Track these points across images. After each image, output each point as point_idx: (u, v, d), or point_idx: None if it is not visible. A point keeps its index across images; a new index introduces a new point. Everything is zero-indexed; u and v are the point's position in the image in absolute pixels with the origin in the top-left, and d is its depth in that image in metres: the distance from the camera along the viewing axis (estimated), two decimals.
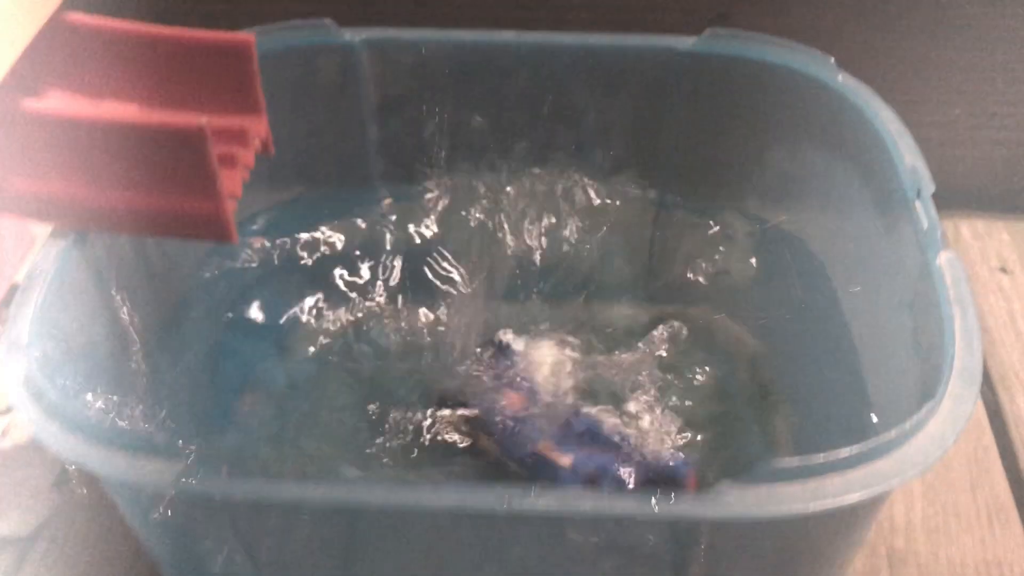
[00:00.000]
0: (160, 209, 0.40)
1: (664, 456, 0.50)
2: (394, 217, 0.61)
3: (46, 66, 0.41)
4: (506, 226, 0.60)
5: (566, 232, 0.60)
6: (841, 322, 0.50)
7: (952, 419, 0.35)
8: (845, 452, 0.33)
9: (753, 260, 0.58)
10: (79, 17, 0.42)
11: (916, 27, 0.65)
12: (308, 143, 0.55)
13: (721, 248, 0.60)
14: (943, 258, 0.41)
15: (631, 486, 0.49)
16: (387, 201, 0.61)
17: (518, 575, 0.39)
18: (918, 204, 0.43)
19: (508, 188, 0.59)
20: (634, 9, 0.59)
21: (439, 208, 0.60)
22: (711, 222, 0.60)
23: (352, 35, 0.53)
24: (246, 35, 0.42)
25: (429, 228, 0.61)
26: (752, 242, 0.58)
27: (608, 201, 0.60)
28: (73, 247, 0.42)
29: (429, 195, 0.59)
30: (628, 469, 0.49)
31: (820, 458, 0.33)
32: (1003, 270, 0.75)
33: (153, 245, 0.49)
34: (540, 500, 0.33)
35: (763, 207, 0.57)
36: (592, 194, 0.60)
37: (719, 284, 0.61)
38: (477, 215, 0.59)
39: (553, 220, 0.60)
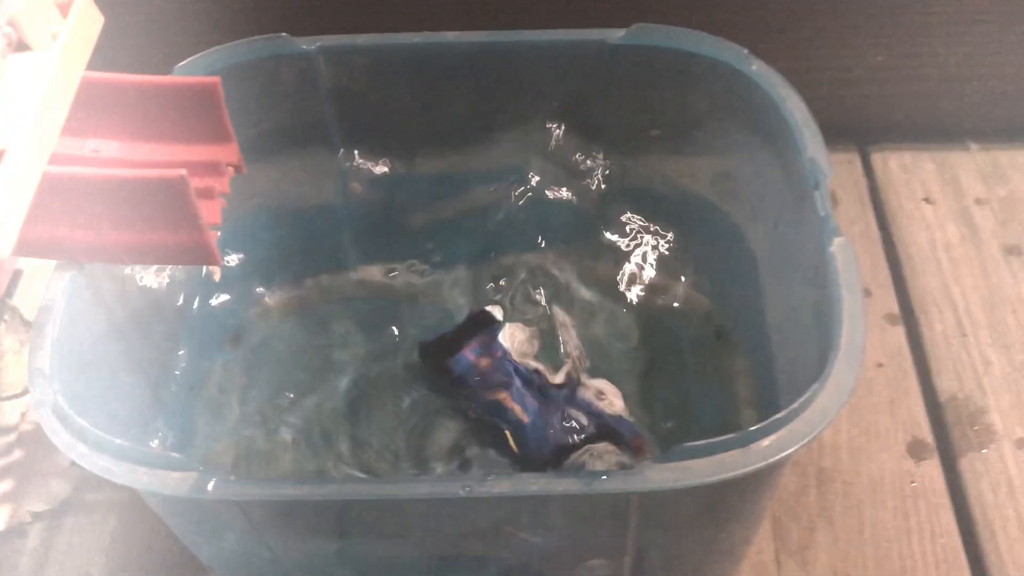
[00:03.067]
0: (152, 244, 0.45)
1: (613, 415, 0.57)
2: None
3: None
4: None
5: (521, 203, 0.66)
6: (757, 290, 0.57)
7: (836, 395, 0.41)
8: (744, 431, 0.40)
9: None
10: None
11: None
12: (274, 147, 0.60)
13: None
14: (836, 245, 0.47)
15: (583, 436, 0.56)
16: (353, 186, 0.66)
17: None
18: (816, 194, 0.48)
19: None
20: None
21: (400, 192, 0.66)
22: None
23: (308, 44, 0.58)
24: (213, 77, 0.47)
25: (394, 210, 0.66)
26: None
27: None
28: (79, 277, 0.48)
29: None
30: (580, 425, 0.56)
31: (724, 438, 0.40)
32: (927, 200, 0.80)
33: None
34: (495, 486, 0.40)
35: (692, 181, 0.62)
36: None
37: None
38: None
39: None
